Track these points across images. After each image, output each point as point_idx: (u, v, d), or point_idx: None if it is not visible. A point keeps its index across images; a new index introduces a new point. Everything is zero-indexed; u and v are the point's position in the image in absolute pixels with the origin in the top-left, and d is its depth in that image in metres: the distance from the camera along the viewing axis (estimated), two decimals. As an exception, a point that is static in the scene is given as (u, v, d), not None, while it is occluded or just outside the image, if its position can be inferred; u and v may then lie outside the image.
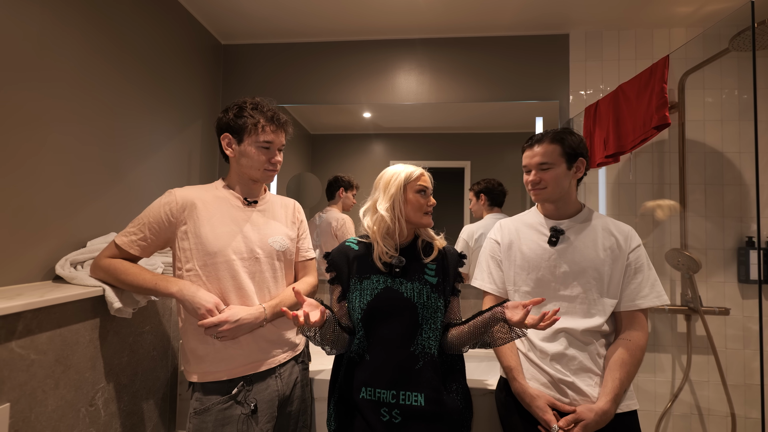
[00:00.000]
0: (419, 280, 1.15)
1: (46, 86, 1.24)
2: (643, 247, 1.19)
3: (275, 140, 1.22)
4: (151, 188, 1.73)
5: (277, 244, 1.25)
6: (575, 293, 1.17)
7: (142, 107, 1.68)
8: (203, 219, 1.18)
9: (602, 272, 1.16)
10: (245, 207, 1.25)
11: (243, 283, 1.17)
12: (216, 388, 1.15)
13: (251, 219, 1.24)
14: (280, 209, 1.34)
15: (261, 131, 1.19)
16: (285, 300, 1.23)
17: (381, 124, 2.23)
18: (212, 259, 1.16)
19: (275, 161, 1.24)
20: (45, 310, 1.03)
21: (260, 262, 1.21)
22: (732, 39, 1.57)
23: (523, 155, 1.28)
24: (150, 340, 1.43)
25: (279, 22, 2.09)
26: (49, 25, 1.26)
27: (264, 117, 1.20)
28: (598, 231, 1.20)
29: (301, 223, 1.39)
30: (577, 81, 2.09)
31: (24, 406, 0.98)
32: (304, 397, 1.31)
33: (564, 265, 1.19)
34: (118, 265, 1.15)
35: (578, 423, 1.05)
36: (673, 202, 1.97)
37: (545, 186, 1.20)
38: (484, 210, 2.05)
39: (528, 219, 1.32)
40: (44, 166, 1.24)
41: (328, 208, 2.19)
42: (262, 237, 1.23)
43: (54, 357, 1.06)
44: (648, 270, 1.17)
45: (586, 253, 1.18)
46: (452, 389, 1.16)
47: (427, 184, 1.20)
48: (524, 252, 1.25)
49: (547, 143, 1.20)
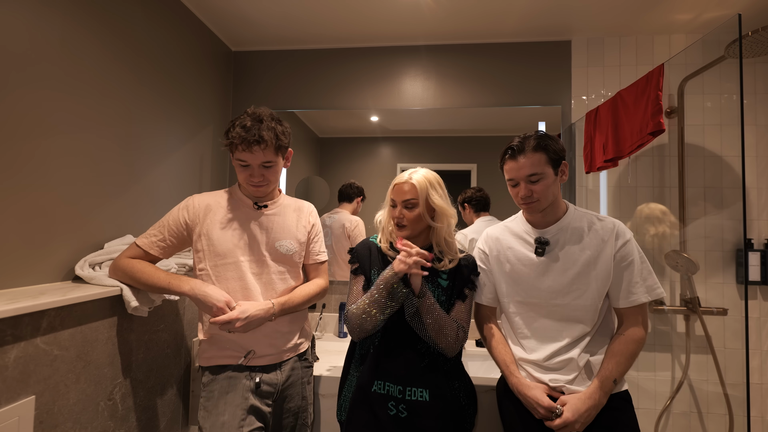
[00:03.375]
0: (432, 283, 1.20)
1: (66, 91, 1.30)
2: (632, 241, 1.14)
3: (249, 159, 1.19)
4: (165, 192, 1.78)
5: (283, 248, 1.29)
6: (566, 301, 1.14)
7: (157, 112, 1.73)
8: (215, 222, 1.24)
9: (591, 276, 1.13)
10: (255, 210, 1.29)
11: (249, 284, 1.23)
12: (223, 369, 1.23)
13: (260, 222, 1.29)
14: (293, 213, 1.36)
15: (236, 150, 1.19)
16: (294, 297, 1.28)
17: (388, 128, 2.26)
18: (222, 260, 1.22)
19: (252, 181, 1.23)
20: (67, 309, 1.08)
21: (267, 265, 1.26)
22: (728, 46, 1.61)
23: (505, 168, 1.20)
24: (164, 338, 1.48)
25: (287, 30, 2.14)
26: (70, 32, 1.31)
27: (239, 136, 1.16)
28: (584, 233, 1.16)
29: (313, 227, 1.40)
30: (579, 86, 2.13)
31: (48, 398, 1.03)
32: (304, 395, 1.34)
33: (553, 274, 1.16)
34: (137, 265, 1.20)
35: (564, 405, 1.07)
36: (662, 207, 2.01)
37: (537, 198, 1.15)
38: (473, 216, 2.11)
39: (514, 227, 1.28)
40: (63, 170, 1.29)
41: (339, 209, 2.23)
42: (269, 240, 1.28)
43: (75, 353, 1.11)
44: (640, 264, 1.13)
45: (573, 258, 1.15)
46: (456, 386, 1.21)
47: (394, 195, 1.21)
48: (512, 263, 1.22)
49: (531, 152, 1.13)
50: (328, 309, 2.15)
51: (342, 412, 1.24)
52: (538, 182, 1.13)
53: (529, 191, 1.14)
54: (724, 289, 1.97)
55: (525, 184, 1.15)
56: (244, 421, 1.16)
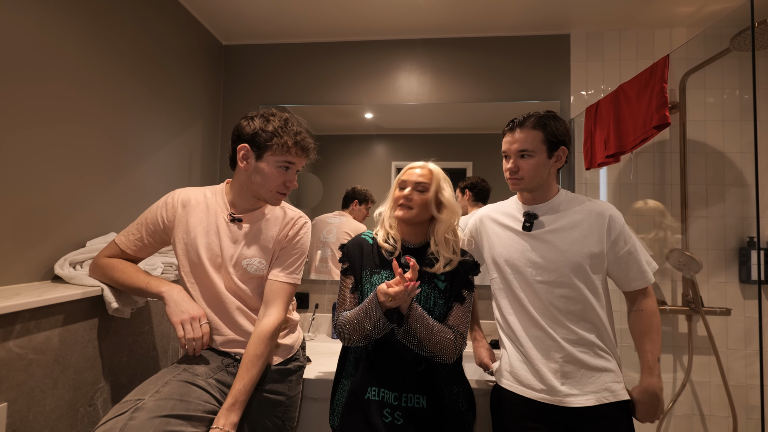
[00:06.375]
0: (429, 284, 1.15)
1: (46, 84, 1.24)
2: (625, 226, 1.14)
3: (298, 163, 1.17)
4: (151, 188, 1.72)
5: (251, 267, 1.18)
6: (552, 278, 1.12)
7: (144, 106, 1.68)
8: (190, 226, 1.17)
9: (581, 255, 1.11)
10: (228, 222, 1.20)
11: (221, 294, 1.16)
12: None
13: (232, 235, 1.18)
14: (274, 226, 1.22)
15: (286, 152, 1.13)
16: (240, 390, 1.06)
17: (382, 125, 2.22)
18: (194, 267, 1.17)
19: (290, 184, 1.18)
20: (43, 310, 1.02)
21: (234, 282, 1.17)
22: (732, 39, 1.57)
23: (503, 139, 1.21)
24: (149, 340, 1.43)
25: (279, 23, 2.09)
26: (50, 23, 1.25)
27: (292, 139, 1.13)
28: (575, 213, 1.16)
29: (291, 241, 1.22)
30: (578, 81, 2.09)
31: (22, 405, 0.97)
32: (291, 394, 1.26)
33: (540, 250, 1.15)
34: (116, 264, 1.15)
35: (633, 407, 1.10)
36: (659, 204, 1.97)
37: (522, 177, 1.16)
38: (469, 205, 2.05)
39: (505, 206, 1.29)
40: (44, 165, 1.24)
41: (343, 213, 2.17)
42: (237, 257, 1.17)
43: (52, 357, 1.05)
44: (638, 244, 1.14)
45: (562, 236, 1.14)
46: (454, 391, 1.15)
47: (407, 177, 1.19)
48: (500, 237, 1.23)
49: (529, 128, 1.14)
50: (321, 309, 2.10)
51: (334, 418, 1.18)
52: (528, 159, 1.15)
53: (516, 166, 1.16)
54: (727, 288, 1.93)
55: (514, 158, 1.17)
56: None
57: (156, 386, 1.02)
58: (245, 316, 1.18)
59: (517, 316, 1.17)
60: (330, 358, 1.69)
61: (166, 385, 1.03)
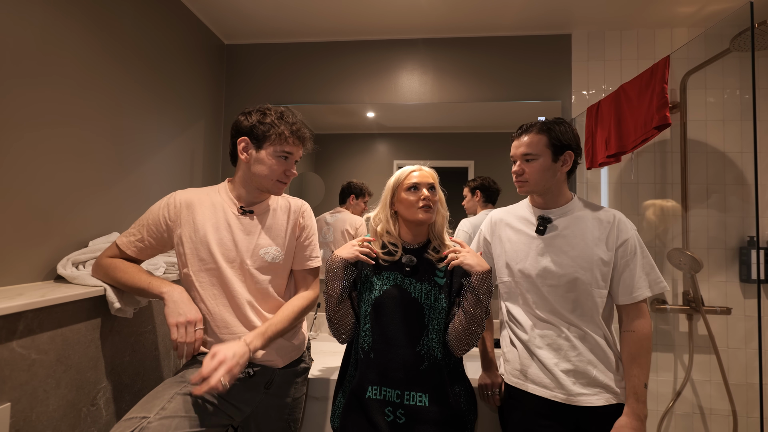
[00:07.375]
0: (429, 281, 1.16)
1: (48, 85, 1.23)
2: (635, 235, 1.15)
3: (295, 153, 1.20)
4: (154, 188, 1.72)
5: (269, 255, 1.20)
6: (563, 282, 1.13)
7: (145, 106, 1.67)
8: (197, 224, 1.16)
9: (592, 261, 1.12)
10: (240, 215, 1.21)
11: (235, 293, 1.15)
12: None
13: (245, 228, 1.20)
14: (283, 215, 1.26)
15: (284, 141, 1.17)
16: (276, 322, 1.15)
17: (384, 124, 2.22)
18: (205, 265, 1.15)
19: (290, 173, 1.21)
20: (46, 310, 1.02)
21: (251, 273, 1.18)
22: (733, 39, 1.57)
23: (511, 145, 1.25)
24: (152, 339, 1.42)
25: (282, 22, 2.09)
26: (52, 24, 1.25)
27: (288, 129, 1.17)
28: (588, 220, 1.17)
29: (304, 229, 1.28)
30: (579, 81, 2.09)
31: (25, 405, 0.97)
32: (297, 396, 1.28)
33: (552, 254, 1.16)
34: (119, 264, 1.15)
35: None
36: (674, 202, 1.97)
37: (527, 179, 1.19)
38: (478, 206, 2.03)
39: (518, 210, 1.30)
40: (47, 166, 1.23)
41: (340, 209, 2.17)
42: (253, 248, 1.19)
43: (55, 356, 1.05)
44: (642, 259, 1.13)
45: (574, 242, 1.15)
46: (456, 391, 1.15)
47: (418, 180, 1.19)
48: (513, 241, 1.24)
49: (534, 133, 1.17)
50: (322, 308, 2.10)
51: (335, 418, 1.18)
52: (532, 162, 1.17)
53: (521, 169, 1.20)
54: (727, 287, 1.93)
55: (519, 162, 1.20)
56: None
57: (162, 402, 1.02)
58: (256, 313, 1.18)
59: (529, 318, 1.18)
60: (331, 357, 1.69)
61: (171, 401, 1.03)
